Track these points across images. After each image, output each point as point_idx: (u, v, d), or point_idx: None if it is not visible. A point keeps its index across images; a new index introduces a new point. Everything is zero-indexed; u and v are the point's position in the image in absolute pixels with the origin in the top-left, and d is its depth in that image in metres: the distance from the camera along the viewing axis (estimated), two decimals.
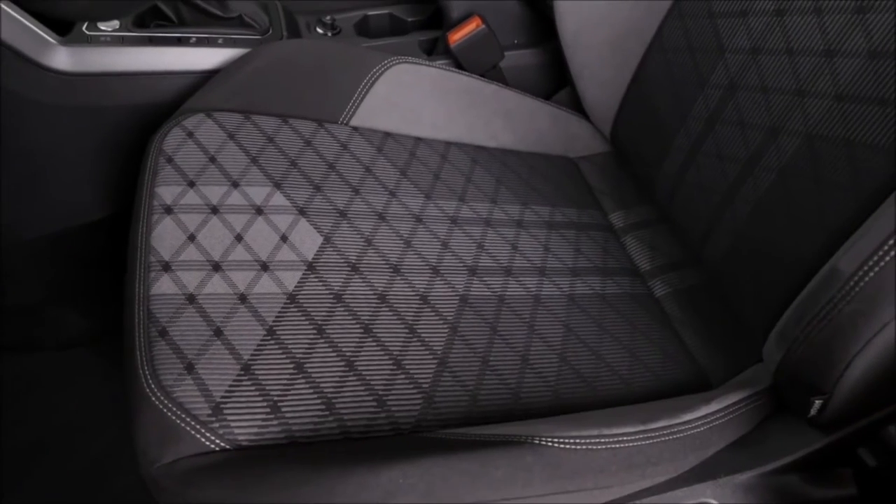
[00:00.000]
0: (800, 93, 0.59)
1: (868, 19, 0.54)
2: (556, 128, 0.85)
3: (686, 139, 0.70)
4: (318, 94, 0.76)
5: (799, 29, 0.59)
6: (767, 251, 0.60)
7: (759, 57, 0.63)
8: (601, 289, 0.69)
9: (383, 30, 0.93)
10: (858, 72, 0.54)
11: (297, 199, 0.65)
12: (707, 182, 0.67)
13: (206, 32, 0.80)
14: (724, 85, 0.66)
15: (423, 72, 0.79)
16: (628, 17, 0.75)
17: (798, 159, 0.58)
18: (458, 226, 0.69)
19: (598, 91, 0.80)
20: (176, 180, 0.64)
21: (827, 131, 0.56)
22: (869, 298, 0.44)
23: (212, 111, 0.71)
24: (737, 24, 0.65)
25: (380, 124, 0.77)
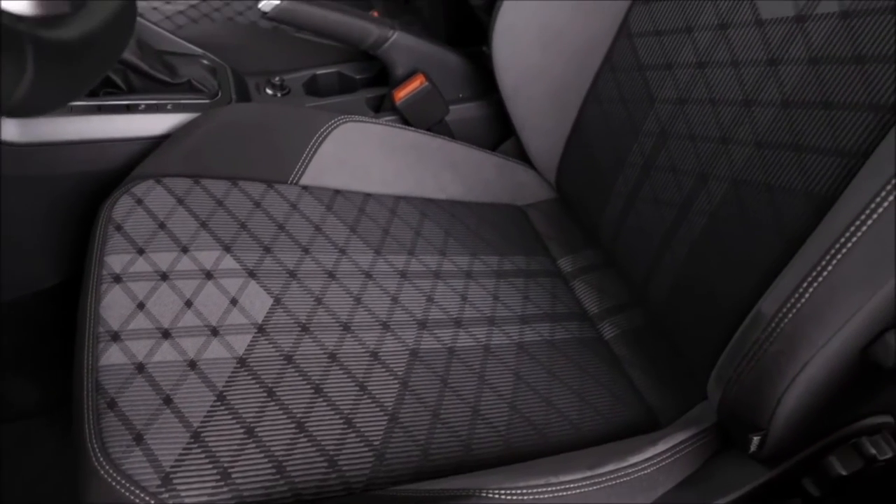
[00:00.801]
0: (724, 140, 0.62)
1: (780, 71, 0.57)
2: (503, 177, 0.87)
3: (625, 185, 0.73)
4: (267, 155, 0.77)
5: (719, 80, 0.62)
6: (705, 293, 0.62)
7: (685, 107, 0.66)
8: (550, 335, 0.71)
9: (332, 88, 0.96)
10: (774, 120, 0.57)
11: (246, 261, 0.66)
12: (646, 226, 0.70)
13: (155, 99, 0.82)
14: (655, 133, 0.69)
15: (370, 129, 0.82)
16: (564, 71, 0.78)
17: (726, 203, 0.61)
18: (408, 280, 0.70)
19: (541, 141, 0.83)
20: (125, 248, 0.64)
21: (750, 176, 0.59)
22: (789, 339, 0.46)
23: (161, 177, 0.72)
24: (664, 76, 0.68)
25: (329, 182, 0.78)
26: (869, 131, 0.51)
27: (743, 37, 0.61)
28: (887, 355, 0.44)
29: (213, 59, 0.93)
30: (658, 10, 0.69)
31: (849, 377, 0.48)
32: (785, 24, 0.57)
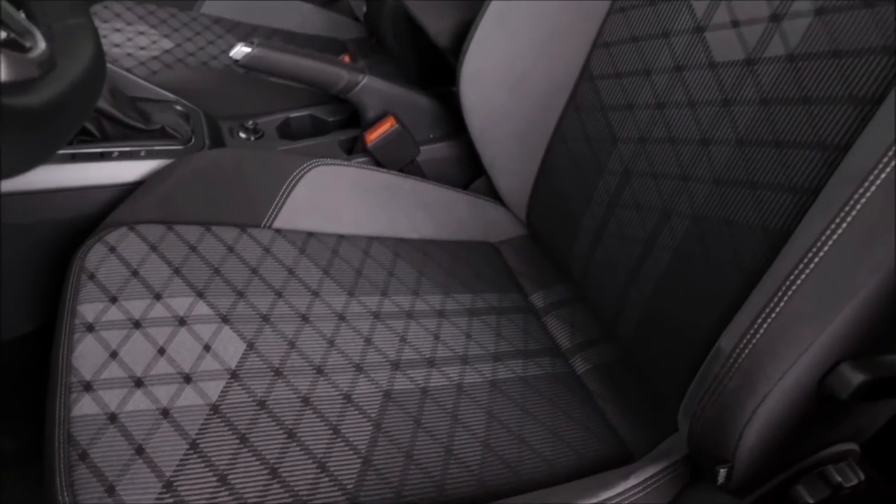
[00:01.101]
0: (684, 178, 0.64)
1: (734, 111, 0.60)
2: (475, 215, 0.89)
3: (592, 222, 0.74)
4: (240, 200, 0.78)
5: (677, 120, 0.65)
6: (671, 327, 0.63)
7: (647, 146, 0.68)
8: (523, 371, 0.72)
9: (305, 131, 0.97)
10: (730, 158, 0.59)
11: (219, 306, 0.67)
12: (613, 262, 0.71)
13: (128, 146, 0.83)
14: (619, 171, 0.71)
15: (342, 172, 0.83)
16: (530, 113, 0.80)
17: (688, 239, 0.63)
18: (381, 321, 0.71)
19: (510, 180, 0.85)
20: (98, 297, 0.65)
21: (710, 212, 0.61)
22: (747, 374, 0.47)
23: (134, 224, 0.73)
24: (625, 117, 0.70)
25: (303, 225, 0.79)
26: (818, 169, 0.53)
27: (698, 79, 0.63)
28: (843, 387, 0.45)
29: (187, 104, 0.94)
30: (618, 53, 0.72)
31: (809, 408, 0.49)
32: (736, 67, 0.60)
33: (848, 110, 0.51)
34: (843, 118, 0.51)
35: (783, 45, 0.56)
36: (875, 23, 0.50)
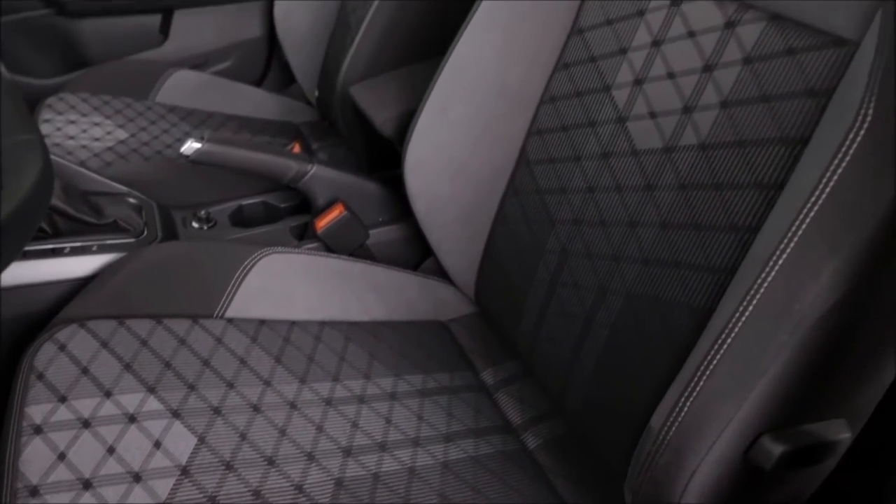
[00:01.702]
0: (616, 258, 0.67)
1: (656, 196, 0.64)
2: (425, 295, 0.91)
3: (535, 300, 0.77)
4: (192, 291, 0.79)
5: (607, 203, 0.69)
6: (613, 402, 0.66)
7: (581, 227, 0.72)
8: (475, 451, 0.73)
9: (258, 217, 0.99)
10: (656, 239, 0.63)
11: (170, 401, 0.67)
12: (557, 338, 0.74)
13: (80, 241, 0.84)
14: (558, 251, 0.74)
15: (293, 259, 0.85)
16: (473, 197, 0.84)
17: (623, 316, 0.66)
18: (333, 406, 0.72)
19: (457, 260, 0.88)
20: (46, 397, 0.65)
21: (641, 290, 0.64)
22: (675, 451, 0.49)
23: (85, 320, 0.73)
24: (560, 199, 0.74)
25: (255, 313, 0.80)
26: (733, 250, 0.57)
27: (623, 165, 0.68)
28: (765, 458, 0.48)
29: (140, 196, 0.96)
30: (551, 140, 0.76)
31: (739, 480, 0.51)
32: (656, 155, 0.64)
33: (755, 195, 0.56)
34: (751, 202, 0.56)
35: (695, 135, 0.61)
36: (771, 116, 0.55)
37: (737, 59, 0.58)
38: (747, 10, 0.58)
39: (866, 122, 0.44)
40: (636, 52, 0.67)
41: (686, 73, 0.62)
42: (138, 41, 1.59)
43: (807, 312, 0.44)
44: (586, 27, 0.73)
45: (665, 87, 0.64)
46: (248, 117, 1.40)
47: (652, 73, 0.65)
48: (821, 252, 0.44)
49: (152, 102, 1.36)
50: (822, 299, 0.44)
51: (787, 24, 0.55)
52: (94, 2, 1.50)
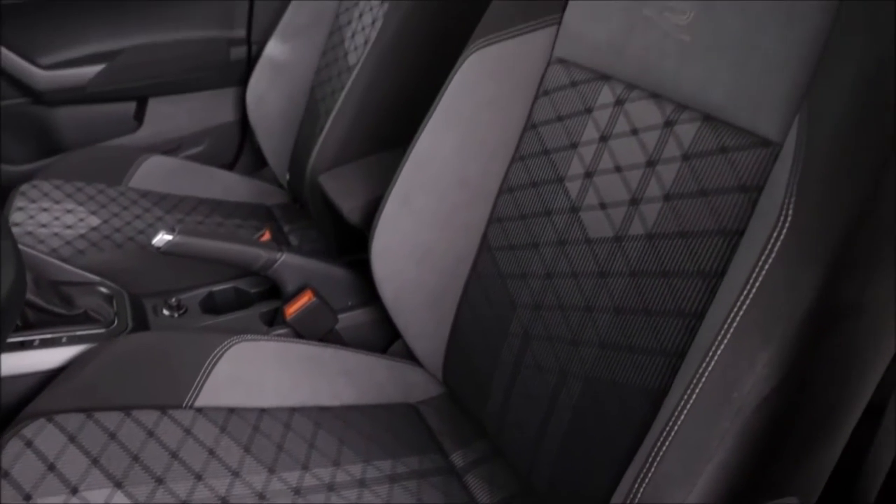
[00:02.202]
0: (574, 341, 0.70)
1: (609, 282, 0.67)
2: (395, 378, 0.93)
3: (501, 382, 0.79)
4: (161, 381, 0.80)
5: (564, 289, 0.72)
6: (577, 485, 0.67)
7: (541, 311, 0.74)
8: None
9: (228, 304, 1.01)
10: (610, 324, 0.66)
11: (137, 496, 0.67)
12: (523, 420, 0.76)
13: (50, 332, 0.85)
14: (520, 334, 0.77)
15: (263, 346, 0.86)
16: (438, 282, 0.86)
17: (584, 399, 0.68)
18: (302, 496, 0.72)
19: (425, 344, 0.90)
20: (11, 497, 0.65)
21: (599, 373, 0.67)
22: None
23: (53, 414, 0.73)
24: (521, 284, 0.77)
25: (224, 401, 0.81)
26: (681, 335, 0.60)
27: (578, 252, 0.71)
28: None
29: (111, 285, 0.97)
30: (510, 227, 0.80)
31: None
32: (608, 243, 0.68)
33: (698, 283, 0.59)
34: (695, 290, 0.59)
35: (642, 226, 0.65)
36: (709, 209, 0.59)
37: (676, 155, 0.63)
38: (683, 110, 0.63)
39: (788, 221, 0.48)
40: (586, 146, 0.72)
41: (631, 167, 0.66)
42: (113, 127, 1.62)
43: (746, 400, 0.47)
44: (539, 122, 0.77)
45: (613, 179, 0.68)
46: (221, 200, 1.43)
47: (601, 167, 0.70)
48: (754, 342, 0.47)
49: (125, 188, 1.38)
50: (758, 388, 0.46)
51: (719, 124, 0.60)
52: (71, 91, 1.54)
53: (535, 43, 0.77)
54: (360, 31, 1.29)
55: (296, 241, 1.32)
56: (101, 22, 1.55)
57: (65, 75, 1.53)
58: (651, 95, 0.66)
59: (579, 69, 0.74)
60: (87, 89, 1.55)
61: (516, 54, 0.78)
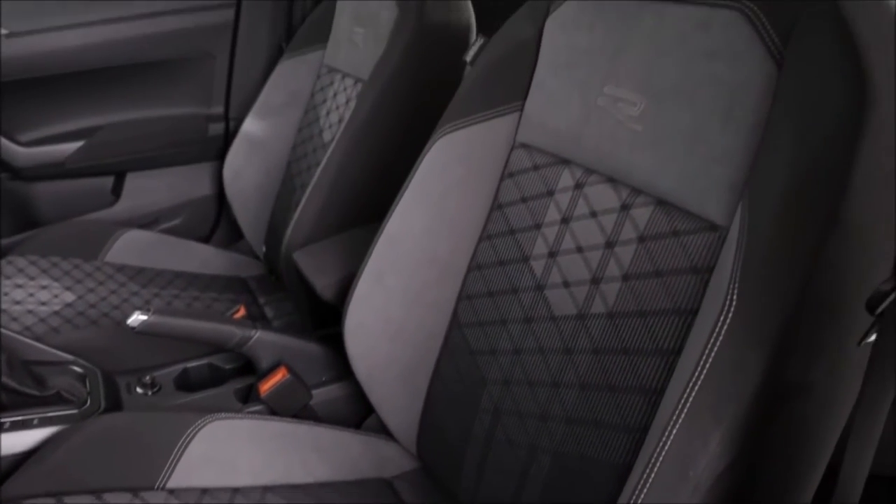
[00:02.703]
0: (543, 417, 0.71)
1: (574, 359, 0.69)
2: (369, 453, 0.93)
3: (473, 457, 0.80)
4: (133, 463, 0.80)
5: (532, 365, 0.74)
6: None
7: (510, 387, 0.76)
8: None
9: (203, 380, 1.01)
10: (577, 400, 0.68)
11: None
12: (496, 494, 0.76)
13: (21, 414, 0.84)
14: (491, 410, 0.78)
15: (237, 424, 0.87)
16: (411, 358, 0.88)
17: (554, 473, 0.69)
18: None
19: (399, 419, 0.91)
20: None
21: (567, 448, 0.68)
22: None
23: (22, 499, 0.73)
24: (490, 360, 0.79)
25: (197, 482, 0.81)
26: (643, 411, 0.62)
27: (544, 329, 0.73)
28: None
29: (84, 364, 0.97)
30: (479, 304, 0.82)
31: None
32: (572, 321, 0.70)
33: (658, 361, 0.62)
34: (655, 367, 0.62)
35: (603, 305, 0.67)
36: (665, 289, 0.62)
37: (633, 237, 0.66)
38: (638, 194, 0.67)
39: (733, 303, 0.51)
40: (549, 227, 0.75)
41: (592, 248, 0.70)
42: (90, 202, 1.64)
43: (701, 478, 0.49)
44: (505, 203, 0.81)
45: (575, 259, 0.71)
46: (196, 273, 1.44)
47: (563, 247, 0.73)
48: (707, 421, 0.49)
49: (101, 262, 1.39)
50: (712, 466, 0.48)
51: (671, 208, 0.64)
52: (50, 167, 1.56)
53: (500, 128, 0.81)
54: (334, 109, 1.34)
55: (271, 313, 1.33)
56: (82, 99, 1.58)
57: (44, 152, 1.56)
58: (608, 180, 0.70)
59: (541, 154, 0.78)
60: (66, 165, 1.57)
61: (482, 139, 0.82)
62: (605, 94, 0.70)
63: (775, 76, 0.56)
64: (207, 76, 1.62)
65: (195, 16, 1.56)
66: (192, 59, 1.59)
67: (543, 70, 0.78)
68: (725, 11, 0.59)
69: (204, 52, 1.59)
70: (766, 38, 0.56)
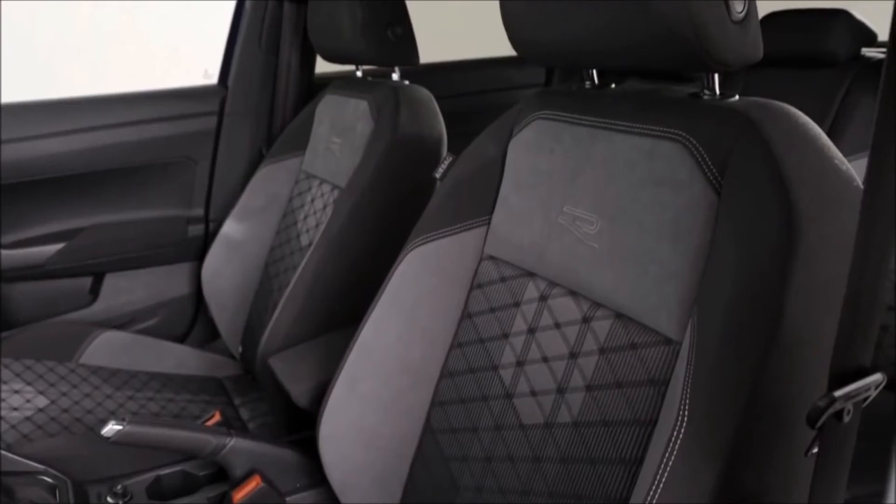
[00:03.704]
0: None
1: (542, 467, 0.71)
2: None
3: None
4: None
5: (503, 473, 0.76)
6: None
7: (482, 494, 0.78)
8: None
9: (175, 488, 1.01)
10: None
11: None
12: None
13: None
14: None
15: None
16: (386, 464, 0.89)
17: None
18: None
19: None
20: None
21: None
22: None
23: None
24: (463, 467, 0.81)
25: None
26: None
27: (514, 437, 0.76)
28: None
29: (54, 473, 0.96)
30: (451, 411, 0.84)
31: None
32: (539, 429, 0.73)
33: (621, 470, 0.64)
34: (619, 477, 0.64)
35: (569, 414, 0.70)
36: (625, 400, 0.65)
37: (594, 349, 0.69)
38: (598, 307, 0.71)
39: (686, 416, 0.54)
40: (516, 337, 0.78)
41: (557, 358, 0.73)
42: (67, 302, 1.65)
43: None
44: (474, 313, 0.84)
45: (542, 369, 0.74)
46: (171, 374, 1.44)
47: (530, 357, 0.76)
48: None
49: (76, 365, 1.39)
50: None
51: (629, 322, 0.67)
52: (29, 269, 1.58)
53: (468, 241, 0.86)
54: (311, 213, 1.39)
55: (247, 415, 1.33)
56: (64, 202, 1.61)
57: (25, 254, 1.57)
58: (570, 293, 0.74)
59: (507, 266, 0.82)
60: (46, 266, 1.59)
61: (452, 251, 0.86)
62: (564, 213, 0.75)
63: (716, 203, 0.61)
64: (189, 179, 1.67)
65: (179, 123, 1.62)
66: (174, 164, 1.65)
67: (508, 187, 0.83)
68: (668, 143, 0.65)
69: (186, 157, 1.64)
70: (705, 169, 0.62)
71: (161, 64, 2.28)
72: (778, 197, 0.56)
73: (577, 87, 0.82)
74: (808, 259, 0.54)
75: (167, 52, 2.30)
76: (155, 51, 2.28)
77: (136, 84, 1.66)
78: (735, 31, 0.60)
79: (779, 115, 0.61)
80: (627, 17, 0.60)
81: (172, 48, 2.31)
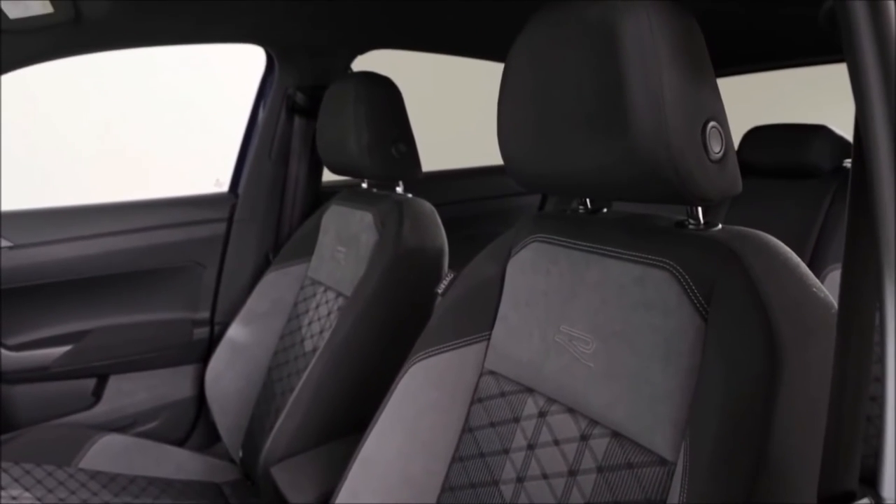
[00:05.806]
0: None
1: None
2: None
3: None
4: None
5: None
6: None
7: None
8: None
9: None
10: None
11: None
12: None
13: None
14: None
15: None
16: None
17: None
18: None
19: None
20: None
21: None
22: None
23: None
24: None
25: None
26: None
27: None
28: None
29: None
30: None
31: None
32: None
33: None
34: None
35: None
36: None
37: (592, 467, 0.71)
38: (596, 425, 0.73)
39: None
40: (516, 452, 0.80)
41: (556, 475, 0.75)
42: (70, 404, 1.66)
43: None
44: (475, 427, 0.86)
45: (541, 485, 0.76)
46: (170, 480, 1.44)
47: (530, 473, 0.78)
48: None
49: (75, 469, 1.39)
50: None
51: (625, 441, 0.70)
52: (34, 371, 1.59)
53: (469, 356, 0.89)
54: (316, 319, 1.42)
55: None
56: (72, 305, 1.65)
57: (30, 356, 1.59)
58: (568, 410, 0.76)
59: (507, 381, 0.85)
60: (51, 369, 1.60)
61: (453, 365, 0.89)
62: (561, 332, 0.78)
63: (703, 328, 0.65)
64: (196, 283, 1.71)
65: (189, 229, 1.68)
66: (183, 268, 1.69)
67: (507, 305, 0.87)
68: (657, 270, 0.69)
69: (194, 262, 1.69)
70: (691, 296, 0.66)
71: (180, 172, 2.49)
72: (761, 326, 0.60)
73: (571, 211, 0.87)
74: (791, 384, 0.58)
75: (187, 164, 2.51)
76: (176, 163, 2.50)
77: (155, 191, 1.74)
78: (714, 169, 0.65)
79: (758, 245, 0.66)
80: (615, 158, 0.66)
81: (188, 159, 2.54)
